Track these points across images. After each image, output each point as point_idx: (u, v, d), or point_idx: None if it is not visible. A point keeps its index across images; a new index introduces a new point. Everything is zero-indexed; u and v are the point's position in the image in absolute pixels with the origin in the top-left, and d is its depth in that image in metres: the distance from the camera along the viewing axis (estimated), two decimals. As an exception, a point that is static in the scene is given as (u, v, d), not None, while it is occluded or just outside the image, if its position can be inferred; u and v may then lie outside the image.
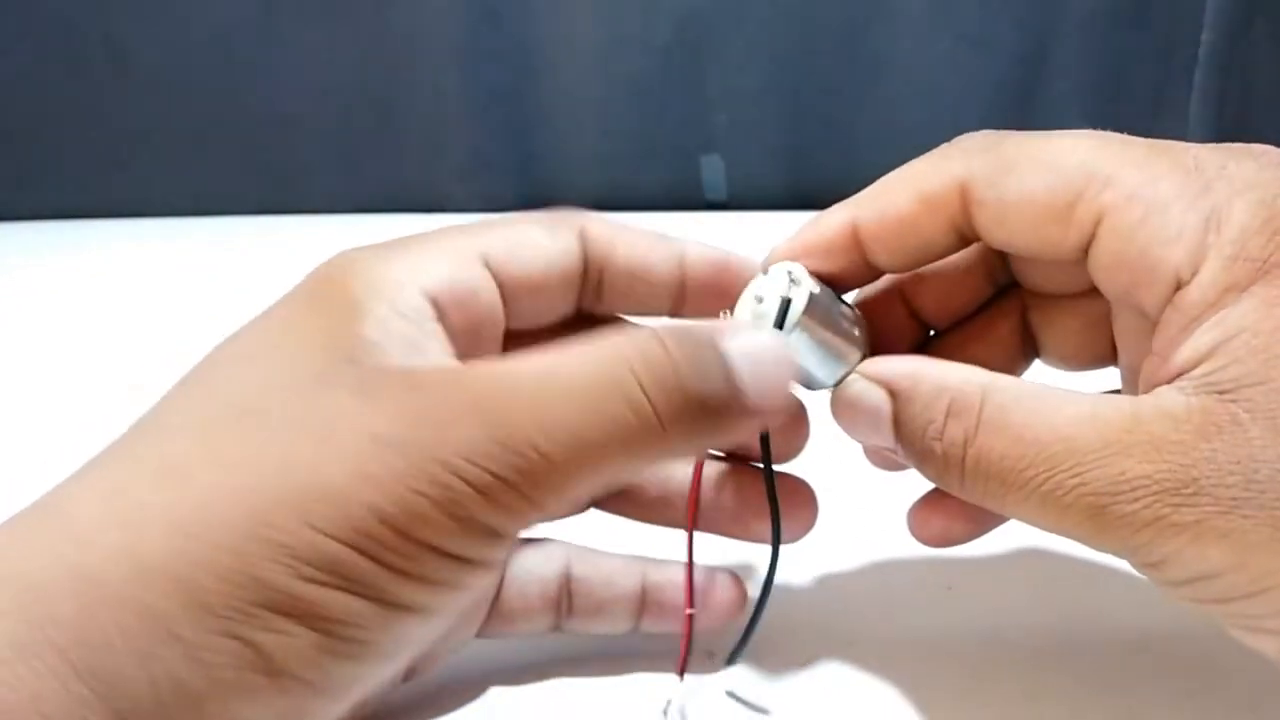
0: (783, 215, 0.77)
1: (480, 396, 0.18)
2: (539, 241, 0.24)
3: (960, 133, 0.25)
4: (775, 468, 0.25)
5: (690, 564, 0.25)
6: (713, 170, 0.79)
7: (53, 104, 0.81)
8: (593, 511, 0.27)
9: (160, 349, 0.53)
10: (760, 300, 0.23)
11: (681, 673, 0.25)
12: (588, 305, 0.25)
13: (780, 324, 0.22)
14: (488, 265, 0.23)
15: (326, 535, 0.17)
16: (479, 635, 0.26)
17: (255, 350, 0.20)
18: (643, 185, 0.80)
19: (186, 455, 0.18)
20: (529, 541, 0.26)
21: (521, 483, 0.18)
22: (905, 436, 0.22)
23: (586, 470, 0.18)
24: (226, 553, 0.16)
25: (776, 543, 0.25)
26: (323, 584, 0.17)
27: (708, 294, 0.25)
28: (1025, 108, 0.75)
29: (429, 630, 0.19)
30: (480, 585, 0.19)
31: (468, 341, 0.22)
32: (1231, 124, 0.74)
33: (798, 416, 0.25)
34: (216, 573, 0.16)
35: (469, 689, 0.25)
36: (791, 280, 0.23)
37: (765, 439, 0.24)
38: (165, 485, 0.17)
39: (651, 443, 0.19)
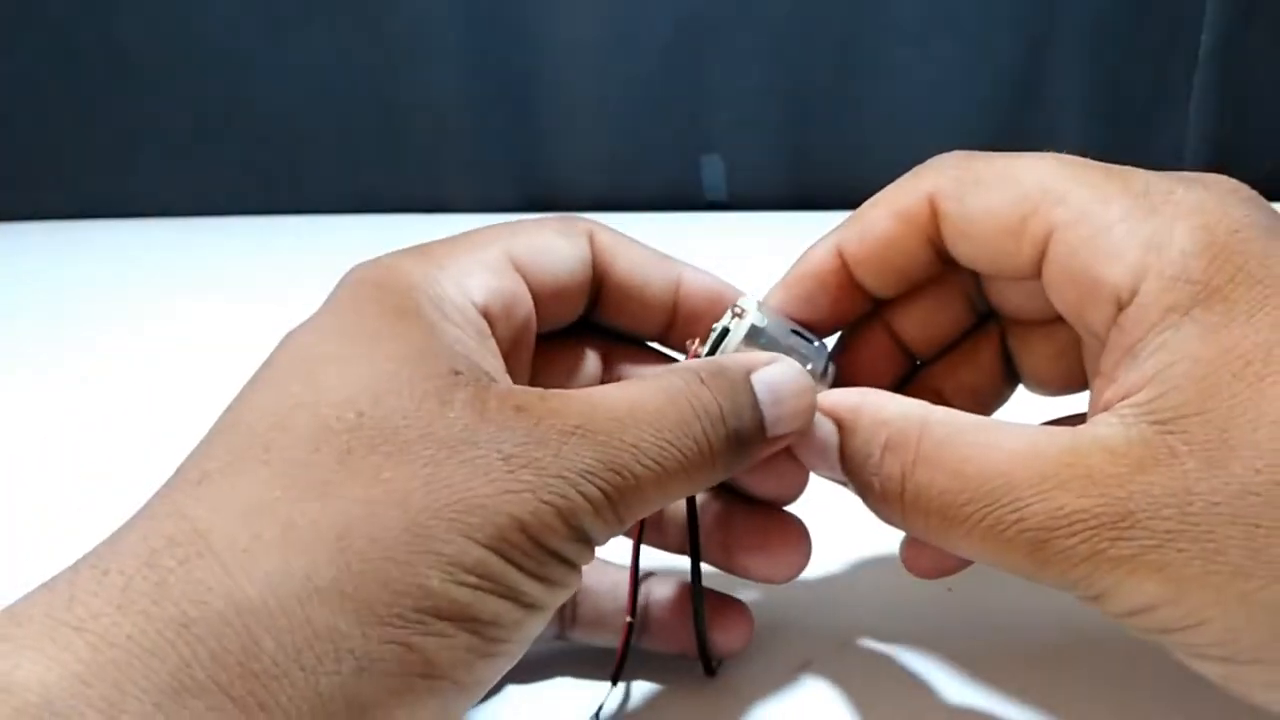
0: (783, 215, 0.77)
1: (583, 422, 0.20)
2: (558, 245, 0.25)
3: (960, 133, 0.25)
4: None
5: (634, 575, 0.25)
6: (713, 170, 0.79)
7: (53, 104, 0.81)
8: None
9: (161, 349, 0.53)
10: (715, 331, 0.24)
11: (615, 679, 0.25)
12: (588, 313, 0.26)
13: (711, 354, 0.23)
14: (520, 271, 0.24)
15: (480, 544, 0.18)
16: None
17: (346, 354, 0.20)
18: (643, 185, 0.80)
19: (325, 470, 0.18)
20: None
21: (618, 500, 0.20)
22: (849, 470, 0.23)
23: (659, 493, 0.20)
24: (391, 564, 0.17)
25: (696, 555, 0.25)
26: (475, 587, 0.18)
27: (698, 321, 0.26)
28: (1025, 108, 0.75)
29: (536, 633, 0.20)
30: (571, 591, 0.20)
31: (510, 349, 0.23)
32: (1231, 124, 0.74)
33: (795, 462, 0.25)
34: (383, 583, 0.17)
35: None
36: (735, 313, 0.24)
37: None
38: (311, 502, 0.18)
39: (704, 472, 0.21)
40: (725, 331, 0.24)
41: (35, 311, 0.62)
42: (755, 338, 0.24)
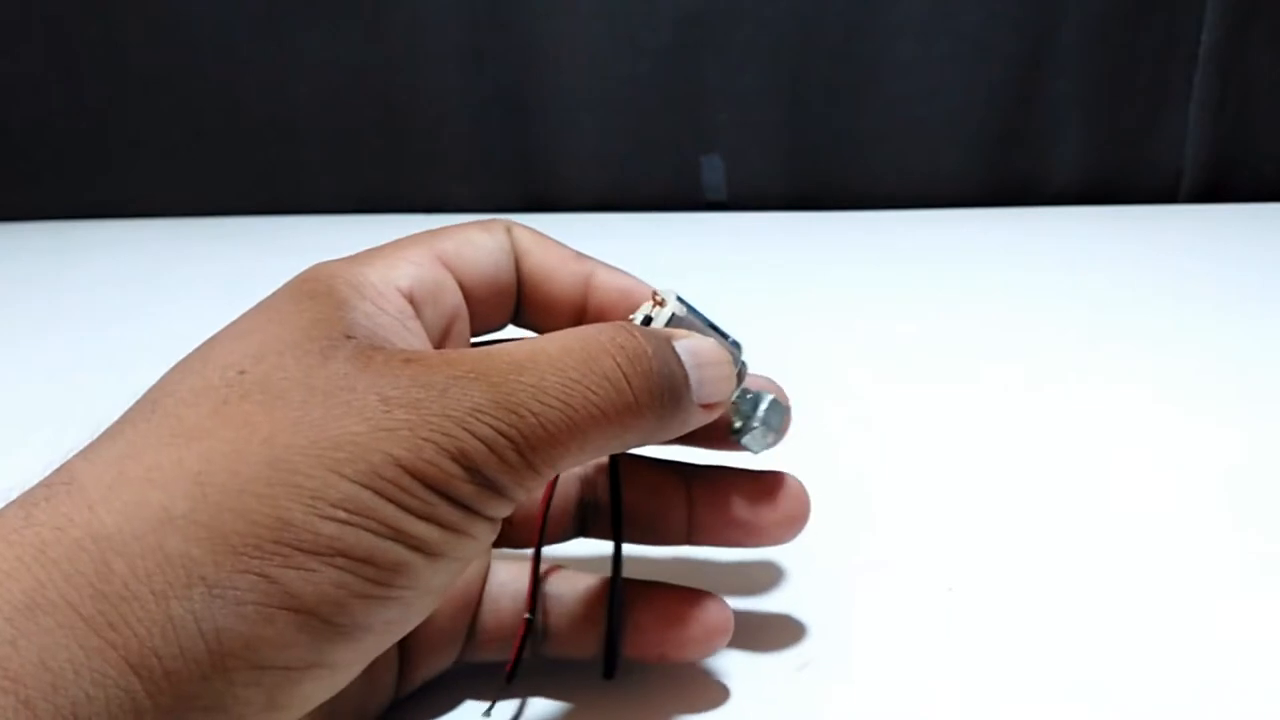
0: (783, 215, 0.77)
1: (476, 366, 0.19)
2: (480, 240, 0.25)
3: (960, 133, 0.25)
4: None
5: (535, 566, 0.25)
6: (713, 170, 0.79)
7: (53, 104, 0.81)
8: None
9: (160, 349, 0.53)
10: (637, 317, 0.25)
11: (510, 676, 0.24)
12: (517, 319, 0.26)
13: None
14: (446, 265, 0.24)
15: (348, 479, 0.18)
16: (458, 660, 0.26)
17: (246, 330, 0.21)
18: (643, 185, 0.80)
19: (198, 418, 0.18)
20: (506, 556, 0.26)
21: (520, 442, 0.19)
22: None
23: (575, 436, 0.20)
24: (250, 497, 0.17)
25: (619, 528, 0.25)
26: (345, 522, 0.17)
27: (608, 317, 0.26)
28: (1025, 108, 0.75)
29: (431, 594, 0.19)
30: (484, 543, 0.20)
31: (440, 340, 0.24)
32: (1231, 124, 0.74)
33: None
34: (240, 515, 0.17)
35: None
36: (656, 303, 0.24)
37: (614, 460, 0.25)
38: (179, 446, 0.18)
39: (627, 416, 0.20)
40: (648, 320, 0.24)
41: (35, 311, 0.62)
42: (675, 326, 0.24)
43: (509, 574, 0.26)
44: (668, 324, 0.24)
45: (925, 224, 0.73)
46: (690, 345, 0.23)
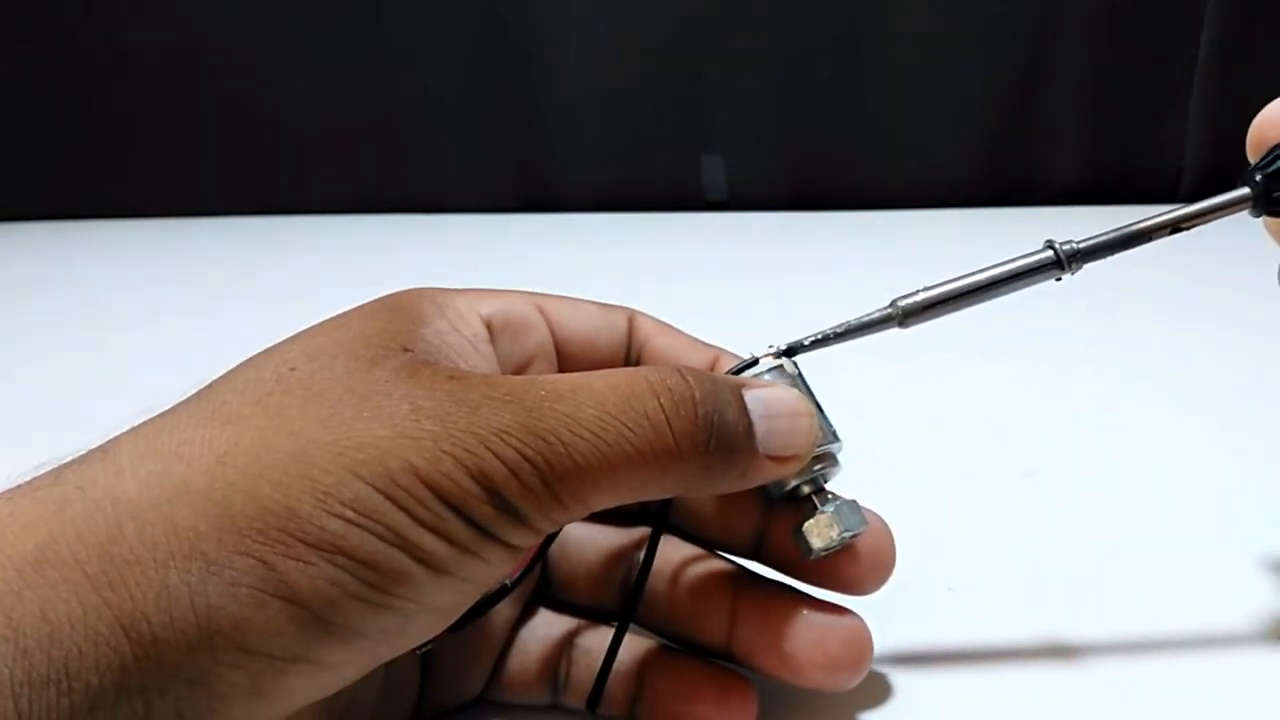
0: (783, 215, 0.77)
1: (515, 391, 0.19)
2: (589, 309, 0.25)
3: (960, 133, 0.25)
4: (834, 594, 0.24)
5: (541, 549, 0.24)
6: (713, 170, 0.79)
7: (53, 104, 0.81)
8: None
9: (160, 348, 0.53)
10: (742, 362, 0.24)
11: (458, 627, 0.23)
12: None
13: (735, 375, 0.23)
14: (543, 314, 0.25)
15: (363, 480, 0.18)
16: (483, 696, 0.25)
17: (317, 332, 0.21)
18: (643, 185, 0.80)
19: (239, 405, 0.19)
20: (545, 607, 0.26)
21: (545, 469, 0.18)
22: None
23: (606, 472, 0.19)
24: (265, 483, 0.17)
25: (645, 575, 0.24)
26: (351, 522, 0.17)
27: None
28: (1025, 108, 0.75)
29: (435, 611, 0.19)
30: (498, 569, 0.19)
31: (515, 374, 0.23)
32: (1231, 124, 0.74)
33: (883, 551, 0.25)
34: (251, 498, 0.17)
35: None
36: (772, 355, 0.24)
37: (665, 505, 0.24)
38: (214, 427, 0.18)
39: (665, 459, 0.20)
40: (754, 362, 0.23)
41: (35, 311, 0.62)
42: (777, 376, 0.23)
43: (544, 621, 0.26)
44: (770, 373, 0.23)
45: (925, 224, 0.73)
46: (763, 395, 0.22)
